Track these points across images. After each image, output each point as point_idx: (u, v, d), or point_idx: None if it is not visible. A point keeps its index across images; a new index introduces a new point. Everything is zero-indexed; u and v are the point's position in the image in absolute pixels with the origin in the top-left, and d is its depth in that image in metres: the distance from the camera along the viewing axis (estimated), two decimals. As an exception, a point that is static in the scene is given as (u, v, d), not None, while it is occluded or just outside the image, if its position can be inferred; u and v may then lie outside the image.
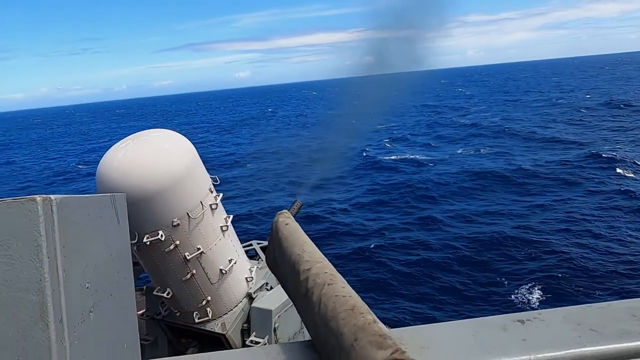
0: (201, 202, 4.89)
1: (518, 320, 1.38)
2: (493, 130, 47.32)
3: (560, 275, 16.01)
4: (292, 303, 6.08)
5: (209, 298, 5.20)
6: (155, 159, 4.55)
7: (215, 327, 5.20)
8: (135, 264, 5.25)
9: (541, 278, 15.93)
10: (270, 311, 5.22)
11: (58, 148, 73.70)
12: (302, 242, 1.61)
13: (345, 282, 1.46)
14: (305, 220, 22.92)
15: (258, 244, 6.32)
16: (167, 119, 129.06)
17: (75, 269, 0.94)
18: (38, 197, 0.93)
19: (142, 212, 4.56)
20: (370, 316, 1.24)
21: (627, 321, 1.33)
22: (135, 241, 4.74)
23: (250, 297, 5.49)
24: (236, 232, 5.51)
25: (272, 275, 6.23)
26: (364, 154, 38.86)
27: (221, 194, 5.13)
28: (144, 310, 5.78)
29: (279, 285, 5.88)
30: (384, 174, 32.23)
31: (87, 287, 0.90)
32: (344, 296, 1.34)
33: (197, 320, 5.21)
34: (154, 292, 5.12)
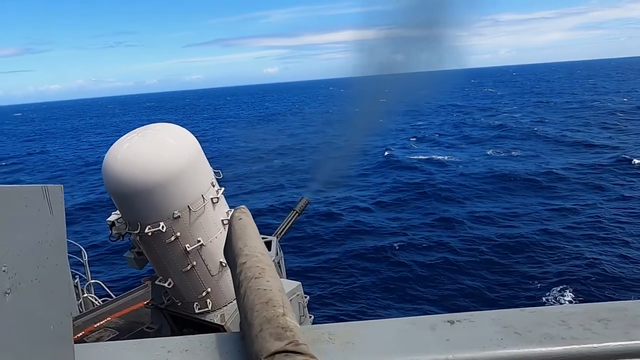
0: (202, 196, 4.98)
1: (448, 321, 1.40)
2: (522, 132, 46.33)
3: (586, 281, 15.64)
4: (291, 297, 6.12)
5: (209, 289, 5.30)
6: (158, 152, 4.66)
7: (215, 318, 5.30)
8: (139, 253, 5.41)
9: (568, 282, 15.60)
10: (267, 305, 5.27)
11: (90, 138, 75.81)
12: (247, 237, 1.67)
13: (276, 276, 1.51)
14: (325, 218, 23.03)
15: (263, 238, 6.40)
16: (195, 112, 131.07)
17: None
18: None
19: (144, 204, 4.69)
20: (282, 309, 1.29)
21: (554, 326, 1.33)
22: (138, 231, 4.87)
23: (250, 291, 5.55)
24: (257, 222, 5.58)
25: (273, 269, 6.32)
26: (387, 153, 38.63)
27: (223, 188, 5.22)
28: (150, 299, 5.94)
29: (280, 279, 5.98)
30: (408, 173, 31.98)
31: (4, 271, 0.98)
32: (264, 289, 1.39)
33: (197, 311, 5.32)
34: (156, 282, 5.26)
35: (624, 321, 1.33)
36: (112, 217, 5.03)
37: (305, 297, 5.76)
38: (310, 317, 6.25)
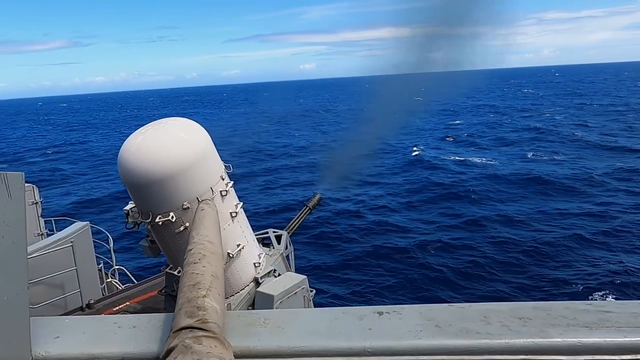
0: (211, 188, 5.13)
1: (377, 312, 1.48)
2: (559, 135, 44.92)
3: (628, 289, 15.16)
4: (296, 290, 6.24)
5: (217, 279, 5.45)
6: (169, 145, 4.84)
7: (221, 307, 5.46)
8: (152, 242, 5.65)
9: (606, 289, 15.18)
10: (272, 296, 5.42)
11: (129, 130, 78.15)
12: (202, 226, 1.79)
13: (216, 263, 1.63)
14: (349, 215, 23.09)
15: (274, 232, 6.55)
16: (230, 106, 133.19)
17: None
18: None
19: (155, 194, 4.89)
20: (204, 292, 1.41)
21: (475, 322, 1.39)
22: (150, 220, 5.08)
23: (257, 282, 5.71)
24: (275, 220, 5.75)
25: (281, 262, 6.45)
26: (417, 152, 38.24)
27: (232, 182, 5.36)
28: (163, 287, 6.19)
29: (287, 272, 6.10)
30: (437, 173, 31.58)
31: None
32: (196, 273, 1.51)
33: (204, 299, 5.49)
34: (167, 270, 5.48)
35: (543, 320, 1.37)
36: (128, 207, 5.28)
37: (312, 291, 5.87)
38: None
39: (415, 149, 39.46)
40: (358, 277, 16.89)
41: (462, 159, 36.07)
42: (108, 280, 8.80)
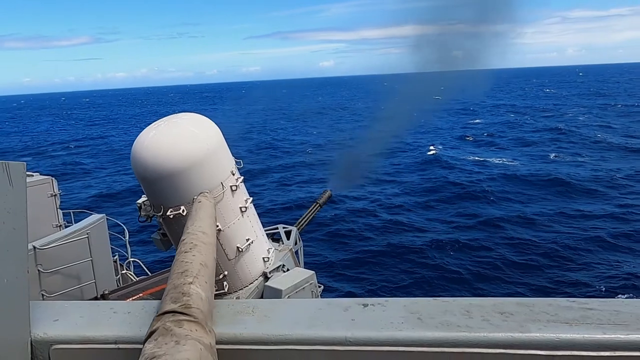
0: (222, 183, 5.20)
1: (362, 304, 1.51)
2: (581, 136, 44.06)
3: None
4: (304, 285, 6.31)
5: (226, 272, 5.55)
6: (181, 140, 4.93)
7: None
8: (164, 235, 5.76)
9: (623, 289, 14.94)
10: (280, 291, 5.48)
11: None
12: (197, 218, 1.84)
13: (206, 252, 1.68)
14: (361, 213, 23.06)
15: (284, 228, 6.62)
16: (249, 103, 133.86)
17: None
18: None
19: (166, 188, 4.99)
20: (191, 279, 1.46)
21: (456, 315, 1.41)
22: (161, 213, 5.18)
23: (265, 276, 5.78)
24: (290, 216, 5.82)
25: (290, 257, 6.51)
26: (433, 151, 37.93)
27: (242, 177, 5.44)
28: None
29: (296, 268, 6.16)
30: (455, 173, 31.31)
31: None
32: (185, 262, 1.57)
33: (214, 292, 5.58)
34: (178, 262, 5.57)
35: (525, 316, 1.39)
36: (141, 200, 5.39)
37: (320, 287, 5.93)
38: None
39: (432, 148, 39.17)
40: (371, 276, 16.89)
41: (480, 159, 35.69)
42: (123, 271, 8.99)
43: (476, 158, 35.96)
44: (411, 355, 1.32)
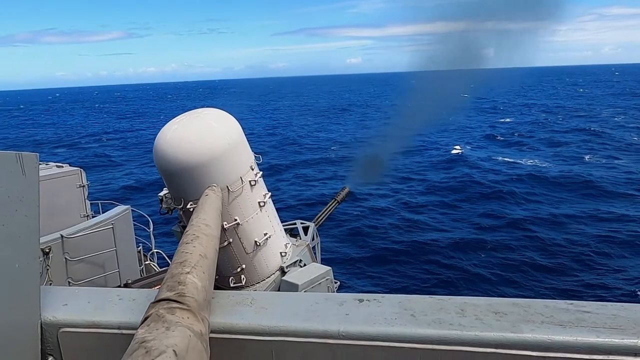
0: (241, 178, 5.27)
1: (358, 299, 1.54)
2: (614, 137, 42.69)
3: None
4: (320, 281, 6.35)
5: (244, 266, 5.63)
6: (202, 135, 5.02)
7: (247, 293, 5.63)
8: (184, 227, 5.88)
9: None
10: (297, 285, 5.53)
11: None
12: (203, 210, 1.89)
13: (207, 244, 1.73)
14: (383, 211, 22.94)
15: (301, 223, 6.66)
16: (275, 99, 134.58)
17: None
18: None
19: (186, 181, 5.10)
20: (189, 269, 1.51)
21: (450, 314, 1.42)
22: (181, 206, 5.30)
23: (282, 271, 5.84)
24: (311, 212, 5.84)
25: (307, 253, 6.57)
26: (457, 151, 37.36)
27: (261, 172, 5.50)
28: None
29: (313, 263, 6.21)
30: (481, 172, 30.79)
31: None
32: (186, 252, 1.62)
33: (231, 285, 5.67)
34: (197, 254, 5.69)
35: (519, 316, 1.39)
36: (162, 193, 5.52)
37: (336, 283, 5.95)
38: None
39: (458, 147, 38.61)
40: (389, 275, 16.81)
41: (509, 159, 34.98)
42: (146, 262, 9.22)
43: (505, 159, 35.26)
44: (402, 351, 1.34)
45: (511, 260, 17.58)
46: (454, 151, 37.14)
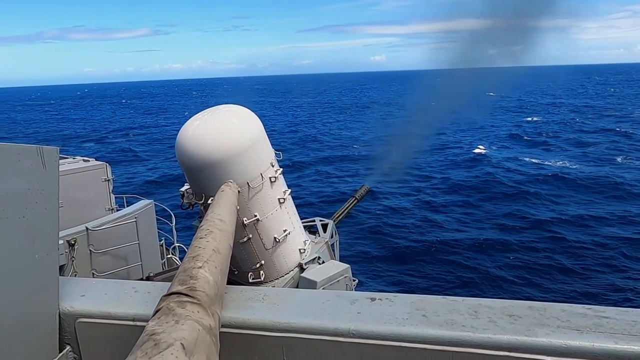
0: (261, 174, 5.31)
1: (370, 298, 1.53)
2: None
3: None
4: (338, 278, 6.36)
5: (263, 262, 5.67)
6: (223, 131, 5.07)
7: (266, 289, 5.68)
8: (203, 222, 5.97)
9: None
10: (315, 282, 5.54)
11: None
12: (218, 206, 1.91)
13: (221, 239, 1.74)
14: (405, 210, 22.76)
15: (320, 220, 6.67)
16: (298, 96, 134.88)
17: None
18: None
19: (208, 177, 5.16)
20: (201, 263, 1.52)
21: (463, 315, 1.40)
22: (202, 201, 5.36)
23: (301, 268, 5.86)
24: (331, 209, 5.82)
25: (326, 250, 6.57)
26: (478, 150, 36.75)
27: (281, 169, 5.52)
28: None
29: (331, 260, 6.20)
30: (504, 172, 30.23)
31: None
32: (199, 247, 1.63)
33: (250, 280, 5.72)
34: (217, 250, 5.76)
35: (534, 320, 1.35)
36: (183, 188, 5.60)
37: (354, 281, 5.95)
38: None
39: (482, 146, 38.02)
40: (409, 274, 16.69)
41: (534, 160, 34.26)
42: (168, 256, 9.38)
43: (530, 159, 34.57)
44: (412, 352, 1.33)
45: (535, 262, 17.24)
46: (477, 150, 36.59)
